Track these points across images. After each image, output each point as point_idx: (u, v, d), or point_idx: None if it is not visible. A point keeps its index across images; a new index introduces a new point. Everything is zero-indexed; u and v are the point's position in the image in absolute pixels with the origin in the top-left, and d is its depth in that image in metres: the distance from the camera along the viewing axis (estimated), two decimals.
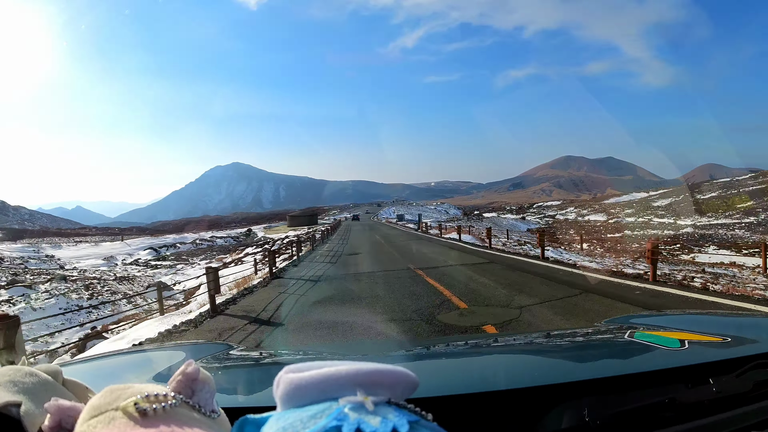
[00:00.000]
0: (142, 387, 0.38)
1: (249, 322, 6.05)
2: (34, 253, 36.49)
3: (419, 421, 0.33)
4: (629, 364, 0.99)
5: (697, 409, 0.74)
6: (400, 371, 0.37)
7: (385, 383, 0.36)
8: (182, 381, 0.40)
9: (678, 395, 0.75)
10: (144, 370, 1.21)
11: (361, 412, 0.33)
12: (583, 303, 5.74)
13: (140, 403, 0.36)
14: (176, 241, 48.41)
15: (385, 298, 6.84)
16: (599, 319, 1.94)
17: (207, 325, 6.15)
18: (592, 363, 1.07)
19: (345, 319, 5.45)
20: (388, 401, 0.34)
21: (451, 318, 5.29)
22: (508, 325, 4.83)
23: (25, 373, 0.46)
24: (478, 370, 1.10)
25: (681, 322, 1.53)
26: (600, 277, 7.89)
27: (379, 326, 5.05)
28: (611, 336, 1.34)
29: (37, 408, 0.42)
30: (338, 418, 0.32)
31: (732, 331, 1.23)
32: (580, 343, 1.36)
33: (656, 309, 5.03)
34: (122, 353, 1.72)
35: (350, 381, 0.35)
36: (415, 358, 1.32)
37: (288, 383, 0.36)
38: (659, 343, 1.02)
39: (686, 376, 0.80)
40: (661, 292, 6.35)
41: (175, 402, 0.37)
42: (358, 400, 0.33)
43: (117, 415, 0.35)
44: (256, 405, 0.63)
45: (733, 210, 65.25)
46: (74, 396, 0.49)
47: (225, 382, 1.02)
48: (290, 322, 5.70)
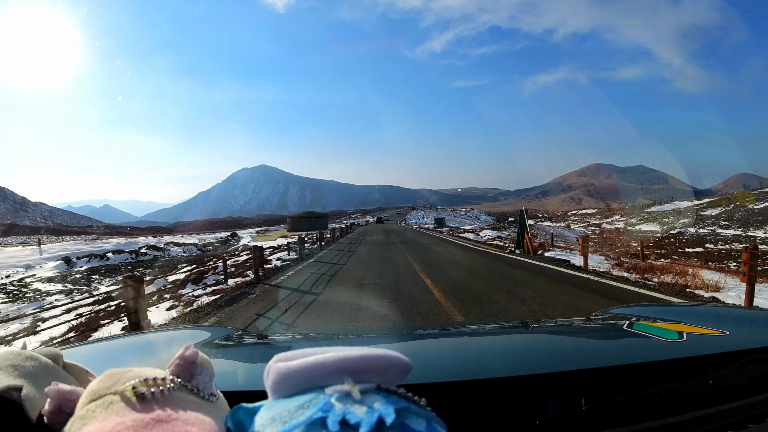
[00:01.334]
0: (141, 371, 0.38)
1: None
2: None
3: (409, 408, 0.33)
4: (627, 354, 0.99)
5: (693, 401, 0.75)
6: (391, 355, 0.36)
7: (375, 369, 0.35)
8: (181, 365, 0.40)
9: (675, 387, 0.76)
10: (144, 354, 1.22)
11: (348, 401, 0.32)
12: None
13: (138, 387, 0.35)
14: (117, 247, 35.62)
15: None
16: None
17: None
18: (590, 352, 1.07)
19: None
20: (377, 387, 0.34)
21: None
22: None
23: (26, 357, 0.46)
24: (475, 356, 1.09)
25: (680, 314, 1.49)
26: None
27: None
28: (610, 326, 1.34)
29: (38, 392, 0.42)
30: (324, 409, 0.32)
31: (730, 324, 1.22)
32: (579, 333, 1.35)
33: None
34: (123, 336, 1.67)
35: (338, 368, 0.34)
36: (412, 343, 1.31)
37: (277, 372, 0.36)
38: (657, 334, 1.02)
39: (684, 368, 0.81)
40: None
41: (173, 386, 0.37)
42: (345, 389, 0.33)
43: (115, 399, 0.35)
44: (254, 389, 0.64)
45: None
46: (75, 379, 0.49)
47: (224, 365, 1.01)
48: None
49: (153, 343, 1.35)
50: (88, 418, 0.34)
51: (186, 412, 0.35)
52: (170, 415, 0.34)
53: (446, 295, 6.61)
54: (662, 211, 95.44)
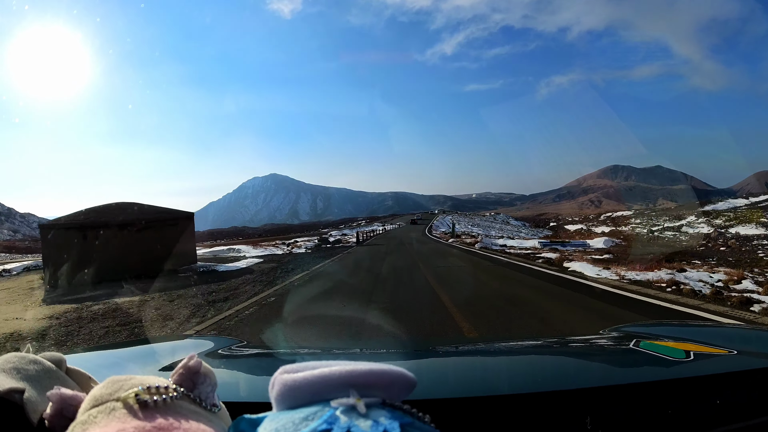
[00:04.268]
0: (144, 378, 0.38)
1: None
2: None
3: (413, 423, 0.33)
4: (633, 373, 0.98)
5: (700, 422, 0.73)
6: (397, 371, 0.36)
7: (380, 384, 0.35)
8: (184, 374, 0.40)
9: (682, 407, 0.75)
10: (147, 362, 1.23)
11: (353, 415, 0.32)
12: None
13: (141, 394, 0.36)
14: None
15: None
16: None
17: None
18: (596, 371, 1.06)
19: None
20: (382, 402, 0.34)
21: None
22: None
23: (29, 361, 0.46)
24: (480, 373, 1.09)
25: (687, 333, 1.49)
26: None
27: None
28: (616, 344, 1.33)
29: (40, 395, 0.42)
30: (329, 422, 0.32)
31: (738, 344, 1.19)
32: (585, 351, 1.34)
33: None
34: (126, 344, 1.79)
35: (344, 382, 0.34)
36: (417, 359, 1.31)
37: (282, 384, 0.36)
38: (665, 353, 1.00)
39: (691, 388, 0.79)
40: None
41: (175, 395, 0.37)
42: (351, 402, 0.33)
43: (117, 405, 0.35)
44: (257, 400, 0.63)
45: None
46: (77, 385, 0.49)
47: (227, 376, 1.02)
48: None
49: (156, 352, 1.35)
50: (90, 423, 0.34)
51: (188, 421, 0.35)
52: (172, 423, 0.33)
53: None
54: (715, 210, 76.47)
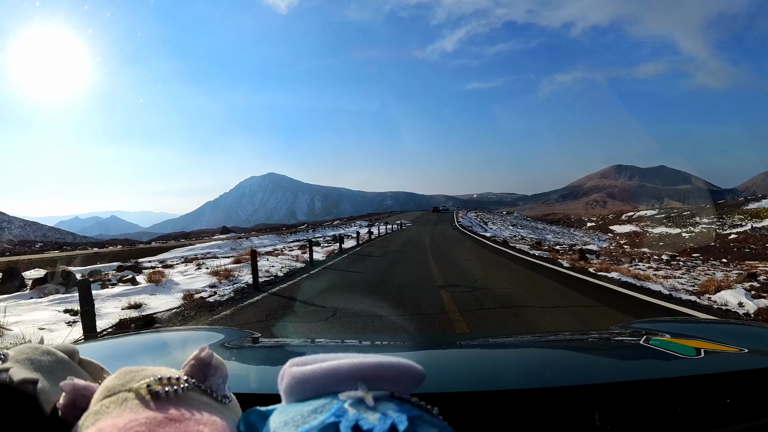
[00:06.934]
0: (156, 370, 0.39)
1: None
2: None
3: (421, 416, 0.33)
4: (643, 369, 0.98)
5: (709, 420, 0.73)
6: (405, 364, 0.36)
7: (388, 377, 0.35)
8: (195, 365, 0.41)
9: (691, 404, 0.74)
10: (159, 353, 1.23)
11: (361, 408, 0.32)
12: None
13: (153, 385, 0.36)
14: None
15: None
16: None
17: None
18: (605, 366, 1.06)
19: None
20: (390, 395, 0.34)
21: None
22: None
23: (43, 352, 0.46)
24: (489, 367, 1.09)
25: (698, 330, 1.46)
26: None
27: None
28: (626, 340, 1.32)
29: (53, 386, 0.42)
30: (337, 414, 0.32)
31: (748, 342, 1.17)
32: (594, 347, 1.34)
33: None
34: (139, 335, 1.75)
35: (353, 375, 0.35)
36: (425, 352, 1.30)
37: (291, 377, 0.36)
38: (674, 350, 0.99)
39: (700, 386, 0.79)
40: None
41: (187, 386, 0.38)
42: (359, 395, 0.33)
43: (129, 396, 0.35)
44: (268, 392, 0.63)
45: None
46: (89, 376, 0.49)
47: (238, 368, 1.02)
48: None
49: (167, 343, 1.36)
50: (102, 413, 0.35)
51: (199, 412, 0.35)
52: (183, 414, 0.34)
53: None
54: (760, 208, 62.67)
